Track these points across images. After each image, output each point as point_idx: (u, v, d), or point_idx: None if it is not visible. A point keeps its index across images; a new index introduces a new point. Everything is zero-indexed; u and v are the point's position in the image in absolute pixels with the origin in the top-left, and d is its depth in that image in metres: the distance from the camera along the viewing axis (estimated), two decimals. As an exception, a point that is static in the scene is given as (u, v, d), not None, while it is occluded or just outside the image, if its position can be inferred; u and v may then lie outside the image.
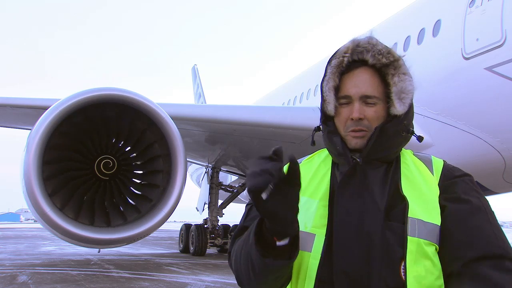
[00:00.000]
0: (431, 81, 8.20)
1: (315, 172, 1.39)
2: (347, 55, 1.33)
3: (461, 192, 1.27)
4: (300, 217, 1.26)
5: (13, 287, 7.24)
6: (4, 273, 8.85)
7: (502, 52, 6.74)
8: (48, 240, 20.70)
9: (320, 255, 1.25)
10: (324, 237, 1.26)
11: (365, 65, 1.32)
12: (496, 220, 1.26)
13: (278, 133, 9.82)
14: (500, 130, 7.33)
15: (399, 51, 9.20)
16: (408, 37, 8.99)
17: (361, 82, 1.31)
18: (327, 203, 1.30)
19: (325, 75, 1.35)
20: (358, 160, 1.31)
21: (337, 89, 1.34)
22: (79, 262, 11.15)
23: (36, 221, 9.63)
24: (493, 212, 1.28)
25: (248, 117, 9.96)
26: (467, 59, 7.31)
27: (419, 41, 8.63)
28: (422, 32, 8.60)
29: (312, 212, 1.30)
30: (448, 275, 1.22)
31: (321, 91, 1.36)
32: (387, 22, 10.77)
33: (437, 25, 8.20)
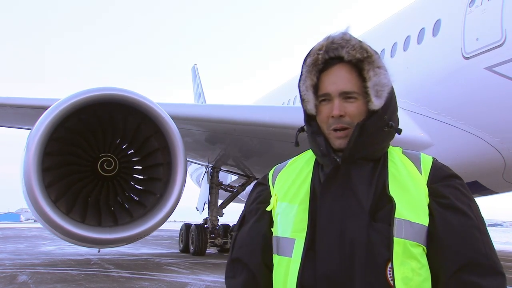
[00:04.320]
0: (431, 81, 8.20)
1: (297, 175, 1.37)
2: (321, 52, 1.30)
3: (454, 198, 1.25)
4: (281, 223, 1.29)
5: (13, 287, 7.23)
6: (4, 273, 8.85)
7: (502, 52, 6.74)
8: (48, 240, 20.69)
9: (300, 260, 1.23)
10: (304, 241, 1.25)
11: (342, 61, 1.30)
12: (486, 228, 1.27)
13: (278, 133, 9.81)
14: (500, 129, 7.33)
15: (399, 51, 9.20)
16: (408, 36, 8.99)
17: (339, 79, 1.28)
18: (307, 206, 1.28)
19: (301, 75, 1.33)
20: (338, 160, 1.28)
21: (316, 88, 1.32)
22: (79, 262, 11.14)
23: (36, 221, 9.62)
24: (483, 219, 1.28)
25: (248, 117, 9.96)
26: (467, 58, 7.31)
27: (419, 40, 8.63)
28: (422, 32, 8.59)
29: (291, 217, 1.28)
30: (436, 282, 1.22)
31: (299, 91, 1.34)
32: (387, 22, 10.77)
33: (437, 25, 8.19)
